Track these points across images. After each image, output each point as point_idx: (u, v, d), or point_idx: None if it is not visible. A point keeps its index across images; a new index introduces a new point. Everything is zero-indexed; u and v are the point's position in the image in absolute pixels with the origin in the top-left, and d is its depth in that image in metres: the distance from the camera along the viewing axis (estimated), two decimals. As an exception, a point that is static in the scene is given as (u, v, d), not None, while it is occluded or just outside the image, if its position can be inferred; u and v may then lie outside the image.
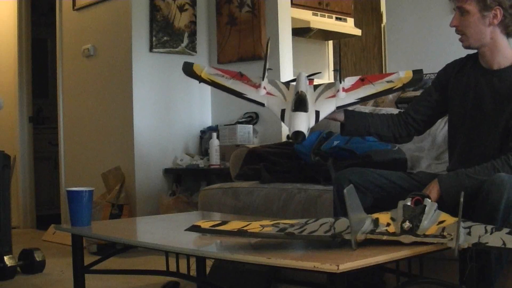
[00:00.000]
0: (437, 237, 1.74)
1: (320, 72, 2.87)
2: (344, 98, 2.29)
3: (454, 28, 2.34)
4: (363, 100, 2.35)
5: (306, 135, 2.14)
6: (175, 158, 4.66)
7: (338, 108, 2.27)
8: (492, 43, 2.27)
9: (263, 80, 2.34)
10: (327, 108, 2.25)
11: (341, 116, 2.37)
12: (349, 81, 2.36)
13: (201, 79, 2.44)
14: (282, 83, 2.40)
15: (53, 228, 4.72)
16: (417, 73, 2.40)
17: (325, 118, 2.30)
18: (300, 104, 2.18)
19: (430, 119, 2.49)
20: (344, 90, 2.29)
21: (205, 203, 3.39)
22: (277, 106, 2.28)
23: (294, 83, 2.36)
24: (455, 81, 2.40)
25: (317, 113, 2.21)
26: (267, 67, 2.38)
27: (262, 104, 2.31)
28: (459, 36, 2.31)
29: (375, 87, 2.34)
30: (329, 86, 2.36)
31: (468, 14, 2.24)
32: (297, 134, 2.12)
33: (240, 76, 2.41)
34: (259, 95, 2.32)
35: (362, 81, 2.40)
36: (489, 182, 2.01)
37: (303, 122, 2.14)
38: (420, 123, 2.47)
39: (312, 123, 2.18)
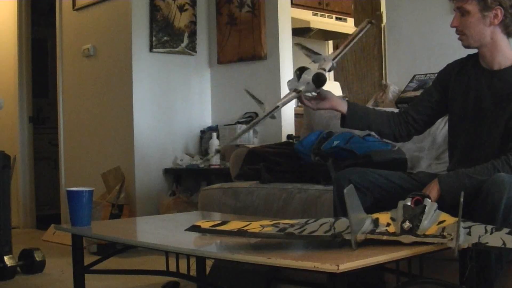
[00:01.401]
0: (437, 237, 1.74)
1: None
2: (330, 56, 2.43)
3: (453, 29, 2.34)
4: (338, 54, 2.48)
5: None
6: (175, 158, 4.66)
7: (333, 60, 2.39)
8: (492, 43, 2.26)
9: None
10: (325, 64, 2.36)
11: (343, 107, 2.38)
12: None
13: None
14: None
15: (53, 228, 4.72)
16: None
17: (328, 108, 2.40)
18: (302, 68, 2.31)
19: (430, 119, 2.49)
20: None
21: (205, 203, 3.39)
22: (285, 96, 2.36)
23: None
24: (455, 81, 2.40)
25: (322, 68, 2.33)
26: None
27: (277, 107, 2.37)
28: (458, 36, 2.31)
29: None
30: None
31: (469, 14, 2.24)
32: (321, 73, 2.26)
33: None
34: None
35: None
36: (490, 182, 2.01)
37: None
38: (420, 123, 2.47)
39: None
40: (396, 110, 2.85)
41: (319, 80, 2.27)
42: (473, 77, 2.35)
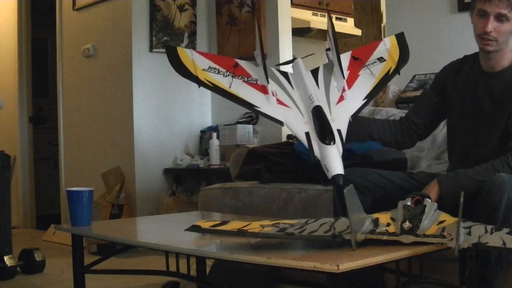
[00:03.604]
0: (437, 237, 1.74)
1: (314, 54, 2.82)
2: (352, 101, 2.24)
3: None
4: (370, 99, 2.30)
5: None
6: (175, 158, 4.66)
7: (351, 117, 2.20)
8: (505, 48, 2.27)
9: (267, 82, 2.24)
10: (343, 121, 2.17)
11: None
12: (343, 61, 2.34)
13: (199, 82, 2.26)
14: (280, 72, 2.35)
15: (53, 228, 4.72)
16: (400, 38, 2.40)
17: None
18: (326, 132, 2.07)
19: (431, 123, 2.49)
20: (346, 81, 2.27)
21: (205, 203, 3.39)
22: (297, 126, 2.16)
23: (293, 73, 2.32)
24: (453, 83, 2.40)
25: (340, 134, 2.10)
26: (266, 65, 2.29)
27: (281, 123, 2.19)
28: (487, 41, 2.22)
29: (373, 75, 2.33)
30: (328, 72, 2.31)
31: (508, 21, 2.20)
32: (342, 177, 1.99)
33: (234, 67, 2.27)
34: (273, 108, 2.19)
35: (355, 60, 2.38)
36: (490, 182, 2.01)
37: (338, 159, 2.02)
38: (422, 127, 2.47)
39: (340, 150, 2.07)
40: (396, 111, 2.85)
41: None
42: (471, 78, 2.35)
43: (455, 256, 1.74)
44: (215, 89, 2.27)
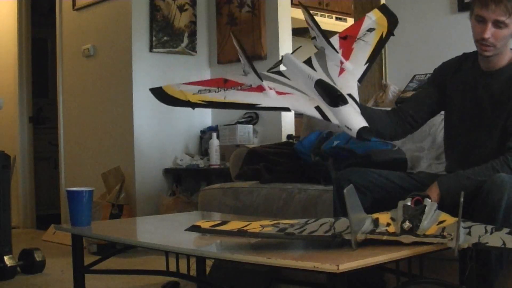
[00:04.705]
0: (437, 237, 1.74)
1: (301, 46, 2.83)
2: (354, 69, 2.26)
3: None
4: (371, 63, 2.31)
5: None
6: (175, 158, 4.66)
7: (358, 81, 2.23)
8: (504, 50, 2.26)
9: (261, 80, 2.25)
10: (351, 87, 2.18)
11: None
12: (333, 43, 2.35)
13: (193, 104, 2.24)
14: (274, 73, 2.35)
15: (53, 228, 4.72)
16: (384, 8, 2.47)
17: None
18: (335, 97, 2.08)
19: (429, 116, 2.49)
20: (342, 55, 2.29)
21: (205, 203, 3.39)
22: (304, 105, 2.17)
23: (285, 68, 2.32)
24: (452, 81, 2.40)
25: (351, 96, 2.12)
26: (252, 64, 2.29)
27: (288, 109, 2.19)
28: (485, 46, 2.22)
29: (367, 43, 2.35)
30: (321, 57, 2.32)
31: (506, 27, 2.19)
32: (367, 130, 2.01)
33: (224, 83, 2.28)
34: (274, 99, 2.19)
35: (345, 39, 2.39)
36: (490, 182, 2.01)
37: (357, 115, 2.04)
38: (419, 121, 2.46)
39: (357, 109, 2.08)
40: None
41: (361, 137, 2.07)
42: (471, 77, 2.35)
43: (455, 256, 1.74)
44: (211, 104, 2.29)
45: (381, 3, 6.09)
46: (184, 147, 4.76)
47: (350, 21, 5.99)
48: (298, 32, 5.31)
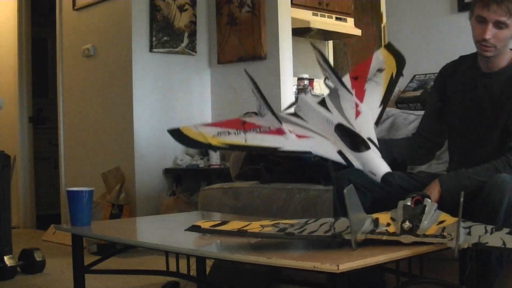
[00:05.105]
0: (437, 237, 1.74)
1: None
2: (369, 112, 2.28)
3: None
4: (385, 105, 2.33)
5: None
6: (175, 158, 4.66)
7: (375, 124, 2.25)
8: (505, 50, 2.26)
9: (280, 123, 2.26)
10: (370, 130, 2.22)
11: None
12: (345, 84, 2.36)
13: (215, 148, 2.34)
14: (288, 114, 2.37)
15: (53, 228, 4.72)
16: (390, 47, 2.45)
17: None
18: (357, 142, 2.14)
19: (444, 126, 2.49)
20: (357, 98, 2.30)
21: (205, 203, 3.39)
22: (327, 149, 2.21)
23: (301, 110, 2.33)
24: (451, 84, 2.40)
25: (371, 140, 2.17)
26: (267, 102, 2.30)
27: (309, 153, 2.24)
28: (486, 47, 2.22)
29: (378, 84, 2.35)
30: (335, 98, 2.33)
31: (507, 28, 2.19)
32: (390, 176, 2.09)
33: (243, 125, 2.30)
34: (295, 142, 2.22)
35: (356, 80, 2.39)
36: (491, 183, 2.01)
37: (379, 160, 2.10)
38: (440, 136, 2.48)
39: (378, 153, 2.14)
40: (396, 111, 2.83)
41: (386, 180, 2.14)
42: (470, 78, 2.34)
43: (455, 256, 1.74)
44: (233, 147, 2.32)
45: (381, 4, 6.11)
46: (184, 147, 4.75)
47: (350, 21, 5.98)
48: (298, 32, 5.31)
